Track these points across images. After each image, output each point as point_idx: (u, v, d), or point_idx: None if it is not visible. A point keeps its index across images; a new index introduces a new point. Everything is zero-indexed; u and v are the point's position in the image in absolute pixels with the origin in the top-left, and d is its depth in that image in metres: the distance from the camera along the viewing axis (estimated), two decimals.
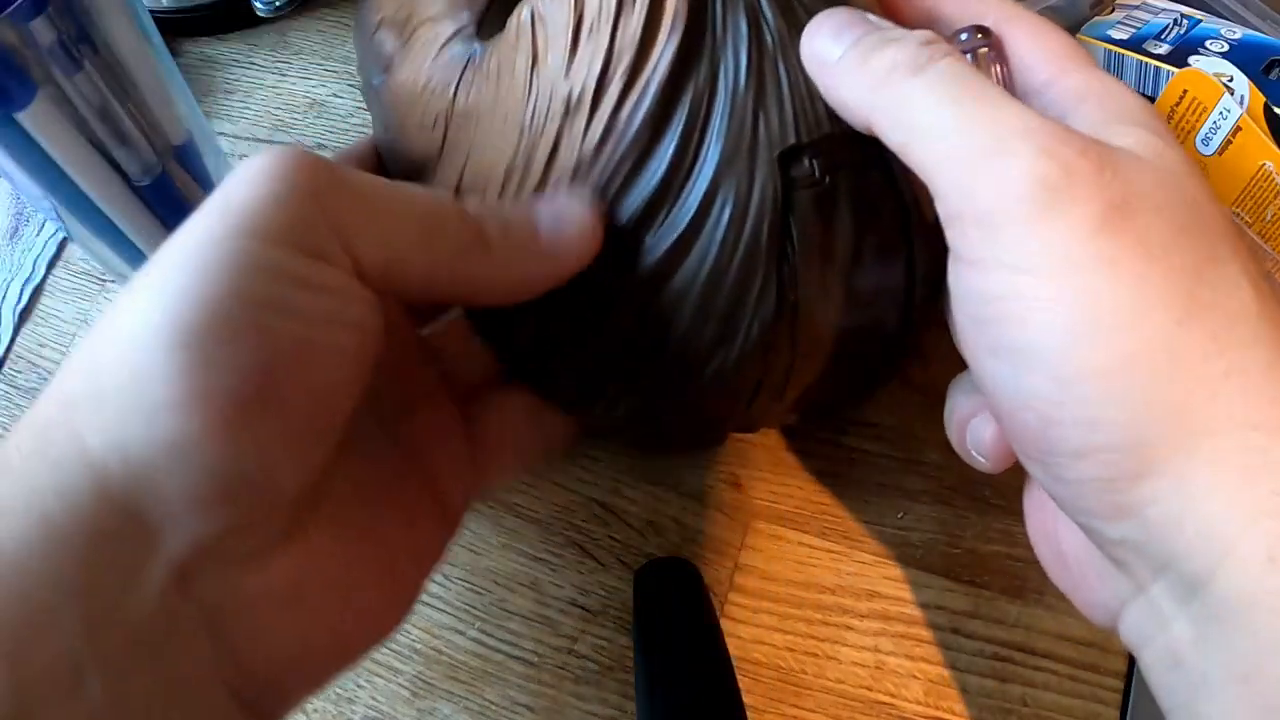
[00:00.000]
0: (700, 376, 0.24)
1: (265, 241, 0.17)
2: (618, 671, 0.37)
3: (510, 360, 0.25)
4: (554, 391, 0.25)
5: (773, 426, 0.25)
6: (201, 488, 0.16)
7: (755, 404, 0.25)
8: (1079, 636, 0.40)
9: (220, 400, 0.16)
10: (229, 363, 0.16)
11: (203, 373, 0.16)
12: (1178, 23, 0.45)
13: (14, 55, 0.31)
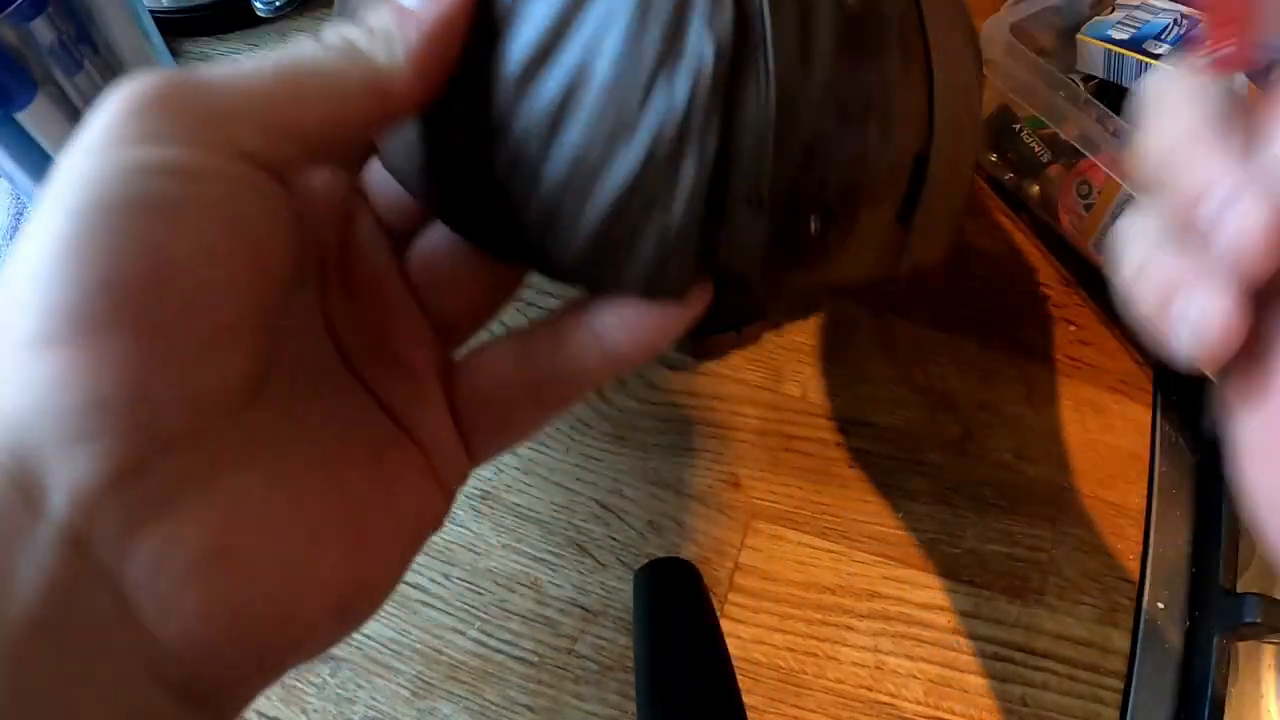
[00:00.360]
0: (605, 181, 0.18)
1: (119, 145, 0.15)
2: (618, 671, 0.37)
3: (451, 212, 0.21)
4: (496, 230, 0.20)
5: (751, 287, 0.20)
6: (74, 424, 0.14)
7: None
8: (1079, 636, 0.40)
9: (81, 322, 0.14)
10: (86, 282, 0.14)
11: (62, 296, 0.14)
12: (1178, 23, 0.45)
13: (14, 55, 0.31)
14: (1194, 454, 0.45)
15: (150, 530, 0.15)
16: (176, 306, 0.15)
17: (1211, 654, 0.38)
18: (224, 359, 0.15)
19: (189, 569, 0.15)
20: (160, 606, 0.15)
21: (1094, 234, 0.46)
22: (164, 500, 0.15)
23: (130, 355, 0.14)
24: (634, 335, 0.19)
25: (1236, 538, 0.41)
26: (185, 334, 0.15)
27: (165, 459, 0.15)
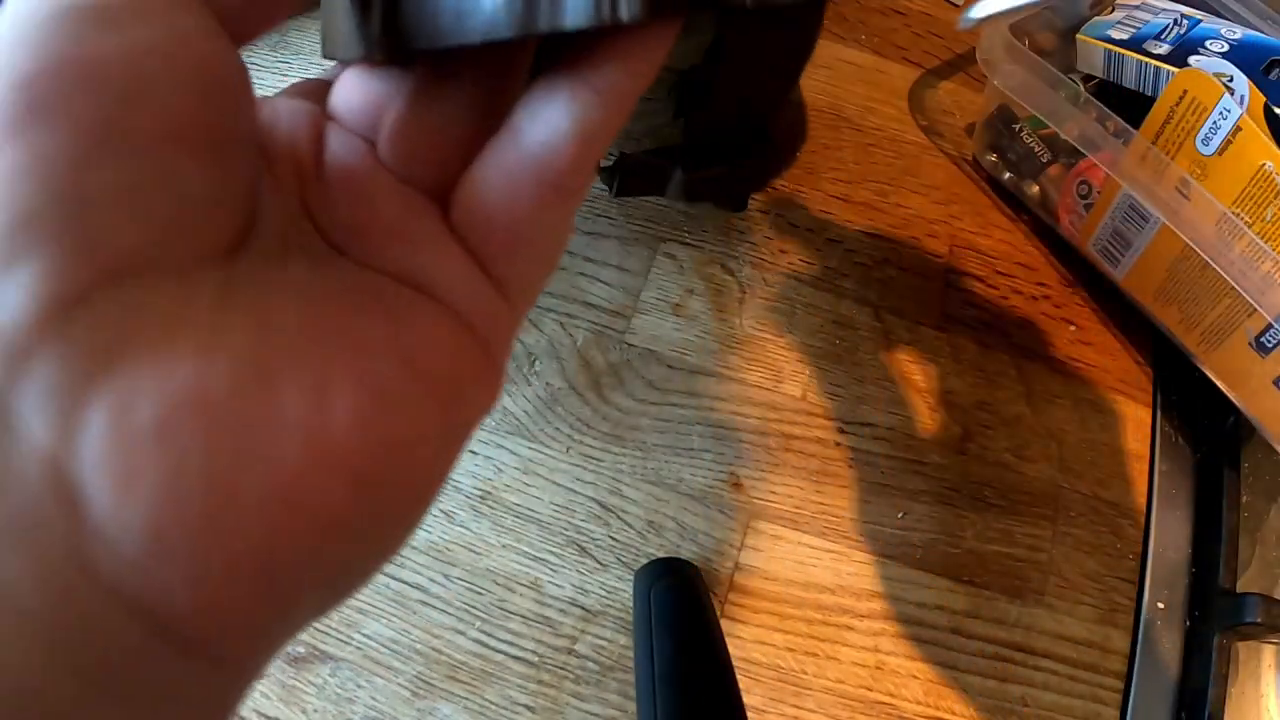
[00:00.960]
0: None
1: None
2: (618, 671, 0.37)
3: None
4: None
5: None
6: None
7: None
8: (1079, 636, 0.40)
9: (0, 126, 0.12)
10: (3, 89, 0.12)
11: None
12: (1178, 23, 0.45)
13: None
14: (1194, 454, 0.45)
15: (104, 383, 0.11)
16: (107, 99, 0.12)
17: (1211, 654, 0.38)
18: (176, 167, 0.13)
19: (154, 431, 0.11)
20: (116, 489, 0.11)
21: (1094, 234, 0.46)
22: (120, 342, 0.12)
23: (59, 151, 0.12)
24: (606, 78, 0.17)
25: (1236, 538, 0.41)
26: (122, 126, 0.12)
27: (120, 290, 0.12)
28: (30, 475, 0.11)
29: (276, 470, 0.12)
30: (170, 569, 0.11)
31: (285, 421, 0.12)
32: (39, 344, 0.11)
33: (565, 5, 0.15)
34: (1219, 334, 0.42)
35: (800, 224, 0.49)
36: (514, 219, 0.17)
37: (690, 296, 0.46)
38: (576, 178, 0.17)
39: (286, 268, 0.15)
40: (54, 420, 0.11)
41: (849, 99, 0.54)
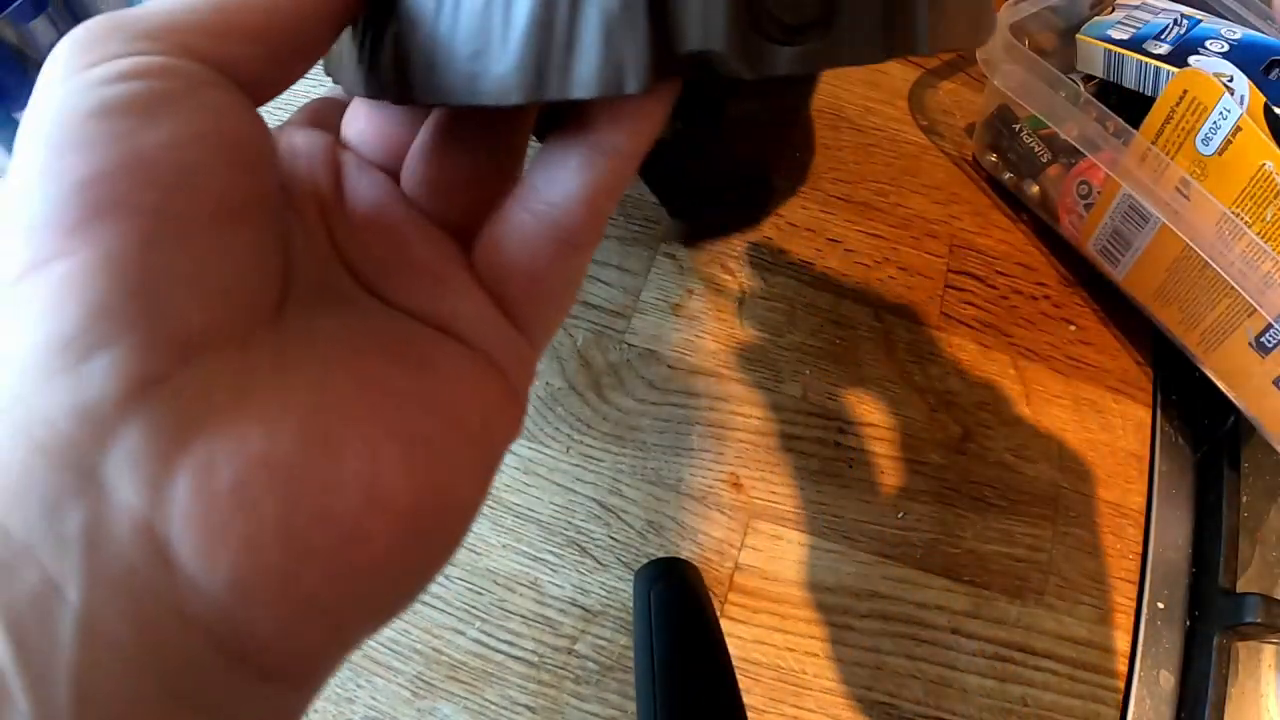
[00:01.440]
0: None
1: (76, 72, 0.15)
2: (618, 671, 0.37)
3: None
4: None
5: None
6: (78, 343, 0.13)
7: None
8: (1079, 636, 0.40)
9: (63, 230, 0.13)
10: (62, 192, 0.13)
11: (41, 212, 0.13)
12: (1178, 23, 0.45)
13: (15, 55, 0.31)
14: (1194, 454, 0.45)
15: (187, 452, 0.13)
16: (160, 191, 0.14)
17: (1211, 654, 0.38)
18: (235, 245, 0.14)
19: (234, 494, 0.13)
20: (203, 545, 0.13)
21: (1094, 234, 0.46)
22: (197, 415, 0.13)
23: (124, 246, 0.13)
24: (613, 142, 0.18)
25: (1236, 538, 0.41)
26: (178, 213, 0.14)
27: (192, 366, 0.13)
28: (123, 534, 0.12)
29: (340, 521, 0.14)
30: (252, 611, 0.13)
31: (344, 478, 0.14)
32: (124, 419, 0.12)
33: (574, 76, 0.16)
34: (1219, 334, 0.42)
35: (800, 224, 0.49)
36: (533, 272, 0.19)
37: (690, 296, 0.46)
38: (589, 233, 0.19)
39: (327, 319, 0.17)
40: (143, 486, 0.12)
41: (849, 99, 0.54)
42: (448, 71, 0.17)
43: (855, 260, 0.48)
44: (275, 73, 0.17)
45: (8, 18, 0.30)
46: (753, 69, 0.16)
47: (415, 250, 0.19)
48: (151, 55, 0.15)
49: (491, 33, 0.17)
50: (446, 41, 0.17)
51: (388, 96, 0.19)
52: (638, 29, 0.16)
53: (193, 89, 0.15)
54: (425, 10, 0.18)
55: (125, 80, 0.14)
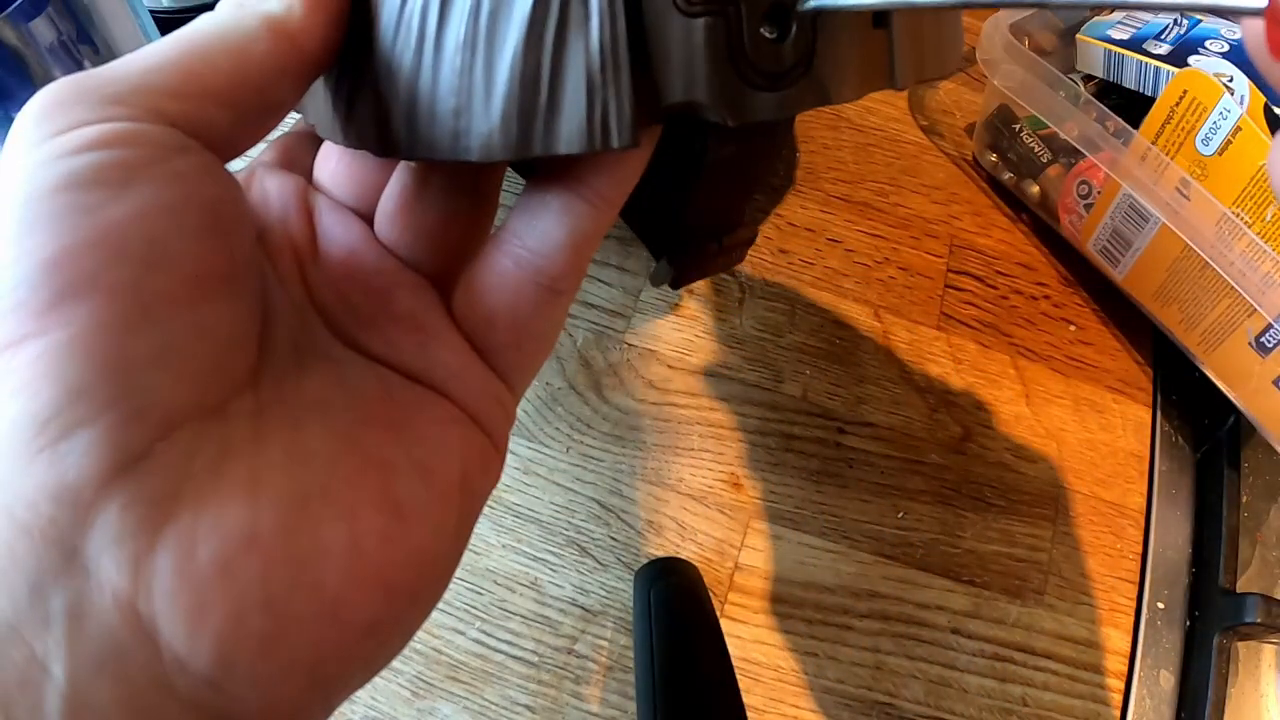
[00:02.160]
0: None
1: (41, 142, 0.14)
2: (618, 671, 0.37)
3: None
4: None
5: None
6: (55, 424, 0.12)
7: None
8: (1079, 636, 0.40)
9: (34, 310, 0.13)
10: (32, 271, 0.13)
11: (11, 294, 0.13)
12: (1178, 23, 0.45)
13: (14, 55, 0.31)
14: (1194, 454, 0.45)
15: (167, 529, 0.13)
16: (131, 267, 0.13)
17: (1211, 654, 0.38)
18: (207, 318, 0.14)
19: (215, 569, 0.13)
20: (186, 620, 0.13)
21: (1094, 234, 0.46)
22: (176, 490, 0.13)
23: (97, 325, 0.13)
24: (595, 189, 0.18)
25: (1236, 538, 0.41)
26: (150, 291, 0.13)
27: (169, 442, 0.13)
28: (108, 612, 0.12)
29: (321, 592, 0.14)
30: (238, 684, 0.13)
31: (325, 548, 0.14)
32: (104, 499, 0.12)
33: (559, 133, 0.16)
34: (1219, 334, 0.42)
35: (800, 224, 0.49)
36: (515, 318, 0.19)
37: (690, 296, 0.46)
38: (570, 279, 0.19)
39: (306, 380, 0.16)
40: (125, 564, 0.12)
41: None
42: (431, 127, 0.17)
43: (855, 260, 0.48)
44: (244, 132, 0.17)
45: (8, 18, 0.30)
46: (736, 116, 0.16)
47: (393, 299, 0.19)
48: (119, 122, 0.14)
49: (474, 90, 0.16)
50: (428, 97, 0.17)
51: (368, 148, 0.18)
52: (621, 85, 0.16)
53: (161, 156, 0.14)
54: (404, 65, 0.17)
55: (92, 150, 0.14)
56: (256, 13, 0.16)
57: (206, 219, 0.15)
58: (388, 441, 0.16)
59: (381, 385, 0.18)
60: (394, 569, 0.15)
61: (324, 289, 0.19)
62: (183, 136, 0.15)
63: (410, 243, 0.20)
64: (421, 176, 0.20)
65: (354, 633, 0.14)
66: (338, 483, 0.15)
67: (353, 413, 0.16)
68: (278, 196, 0.20)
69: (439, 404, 0.18)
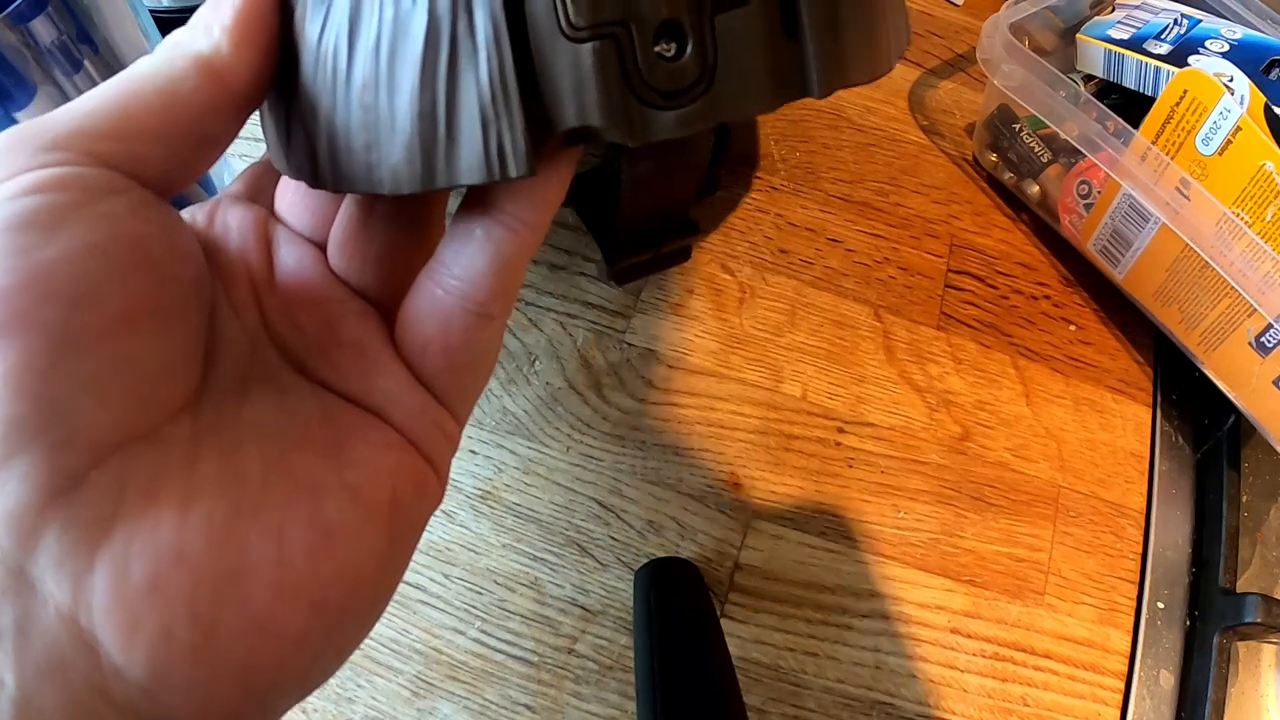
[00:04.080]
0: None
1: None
2: (618, 671, 0.37)
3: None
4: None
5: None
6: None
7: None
8: (1079, 636, 0.40)
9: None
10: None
11: None
12: (1178, 23, 0.45)
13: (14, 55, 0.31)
14: (1194, 454, 0.45)
15: (102, 549, 0.14)
16: (59, 305, 0.14)
17: (1211, 654, 0.38)
18: (136, 350, 0.15)
19: (147, 586, 0.14)
20: (121, 634, 0.14)
21: (1094, 234, 0.46)
22: (111, 513, 0.14)
23: (25, 362, 0.14)
24: (515, 216, 0.19)
25: (1236, 538, 0.41)
26: (77, 327, 0.14)
27: (104, 468, 0.14)
28: (52, 626, 0.13)
29: (247, 607, 0.15)
30: (170, 691, 0.14)
31: (251, 565, 0.15)
32: (44, 523, 0.13)
33: (459, 164, 0.16)
34: (1219, 334, 0.42)
35: (800, 224, 0.49)
36: (447, 345, 0.20)
37: (690, 296, 0.46)
38: (498, 303, 0.19)
39: (247, 405, 0.17)
40: (66, 582, 0.13)
41: (849, 99, 0.54)
42: (349, 161, 0.18)
43: (855, 260, 0.48)
44: (179, 168, 0.17)
45: (7, 18, 0.30)
46: (634, 137, 0.16)
47: (340, 326, 0.20)
48: (55, 167, 0.15)
49: (380, 125, 0.17)
50: (343, 131, 0.17)
51: (304, 179, 0.19)
52: (513, 114, 0.16)
53: (92, 199, 0.15)
54: (323, 100, 0.18)
55: (28, 195, 0.15)
56: (186, 54, 0.17)
57: (135, 257, 0.15)
58: (320, 464, 0.17)
59: (322, 410, 0.19)
60: (321, 586, 0.16)
61: (278, 317, 0.19)
62: (118, 176, 0.16)
63: (359, 270, 0.21)
64: (367, 206, 0.21)
65: (282, 645, 0.15)
66: (268, 503, 0.16)
67: (289, 437, 0.17)
68: (238, 228, 0.20)
69: (377, 428, 0.19)
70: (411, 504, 0.19)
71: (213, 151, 0.18)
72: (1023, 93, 0.45)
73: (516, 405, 0.42)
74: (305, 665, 0.16)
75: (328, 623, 0.16)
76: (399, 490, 0.18)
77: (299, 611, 0.16)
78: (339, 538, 0.17)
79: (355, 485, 0.17)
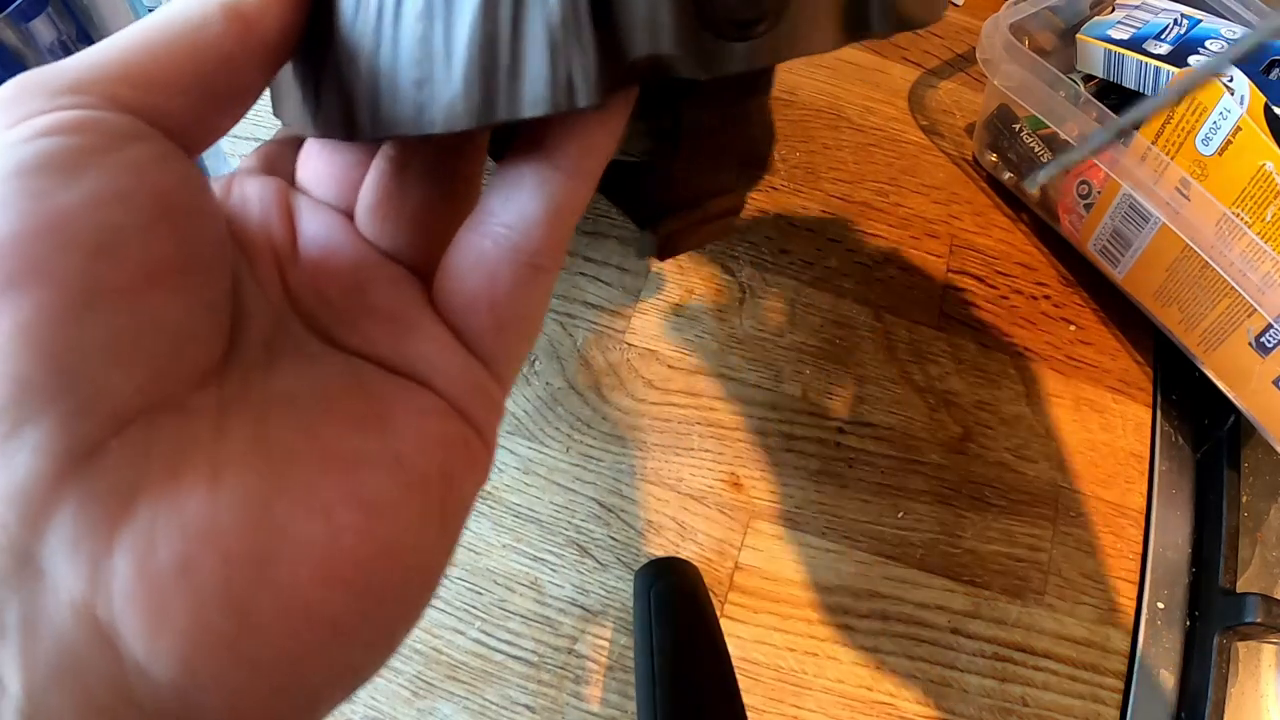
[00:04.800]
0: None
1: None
2: (618, 671, 0.37)
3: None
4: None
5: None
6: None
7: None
8: (1079, 636, 0.40)
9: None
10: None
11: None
12: (1178, 23, 0.45)
13: (14, 55, 0.31)
14: (1194, 454, 0.45)
15: (124, 528, 0.12)
16: (79, 255, 0.13)
17: (1211, 654, 0.38)
18: (160, 309, 0.14)
19: (176, 569, 0.12)
20: (147, 624, 0.12)
21: (1094, 234, 0.46)
22: (133, 487, 0.12)
23: (42, 315, 0.12)
24: (570, 159, 0.17)
25: (1236, 538, 0.41)
26: (98, 279, 0.13)
27: (124, 437, 0.13)
28: (65, 621, 0.12)
29: (288, 591, 0.13)
30: (201, 689, 0.12)
31: (292, 545, 0.13)
32: (57, 499, 0.12)
33: (523, 95, 0.16)
34: (1219, 334, 0.42)
35: (800, 224, 0.49)
36: (495, 299, 0.18)
37: (690, 296, 0.46)
38: (551, 254, 0.18)
39: (275, 375, 0.16)
40: (82, 569, 0.12)
41: (849, 99, 0.54)
42: (394, 103, 0.17)
43: (855, 260, 0.48)
44: (205, 121, 0.16)
45: (8, 18, 0.30)
46: (706, 69, 0.16)
47: (372, 292, 0.19)
48: (73, 110, 0.14)
49: (434, 59, 0.16)
50: (389, 72, 0.17)
51: (335, 134, 0.18)
52: (584, 40, 0.15)
53: (114, 144, 0.14)
54: (364, 42, 0.17)
55: (44, 136, 0.13)
56: (213, 2, 0.16)
57: (160, 208, 0.14)
58: (364, 436, 0.16)
59: (358, 379, 0.17)
60: (366, 566, 0.14)
61: (302, 287, 0.18)
62: (140, 124, 0.15)
63: (391, 234, 0.19)
64: (400, 165, 0.19)
65: (327, 634, 0.14)
66: (304, 477, 0.14)
67: (324, 406, 0.16)
68: (258, 199, 0.19)
69: (420, 394, 0.17)
70: (461, 474, 0.17)
71: (239, 106, 0.17)
72: (1023, 93, 0.45)
73: (516, 405, 0.42)
74: (352, 656, 0.15)
75: (375, 607, 0.15)
76: (449, 461, 0.17)
77: (344, 595, 0.14)
78: (385, 512, 0.15)
79: (402, 455, 0.16)
